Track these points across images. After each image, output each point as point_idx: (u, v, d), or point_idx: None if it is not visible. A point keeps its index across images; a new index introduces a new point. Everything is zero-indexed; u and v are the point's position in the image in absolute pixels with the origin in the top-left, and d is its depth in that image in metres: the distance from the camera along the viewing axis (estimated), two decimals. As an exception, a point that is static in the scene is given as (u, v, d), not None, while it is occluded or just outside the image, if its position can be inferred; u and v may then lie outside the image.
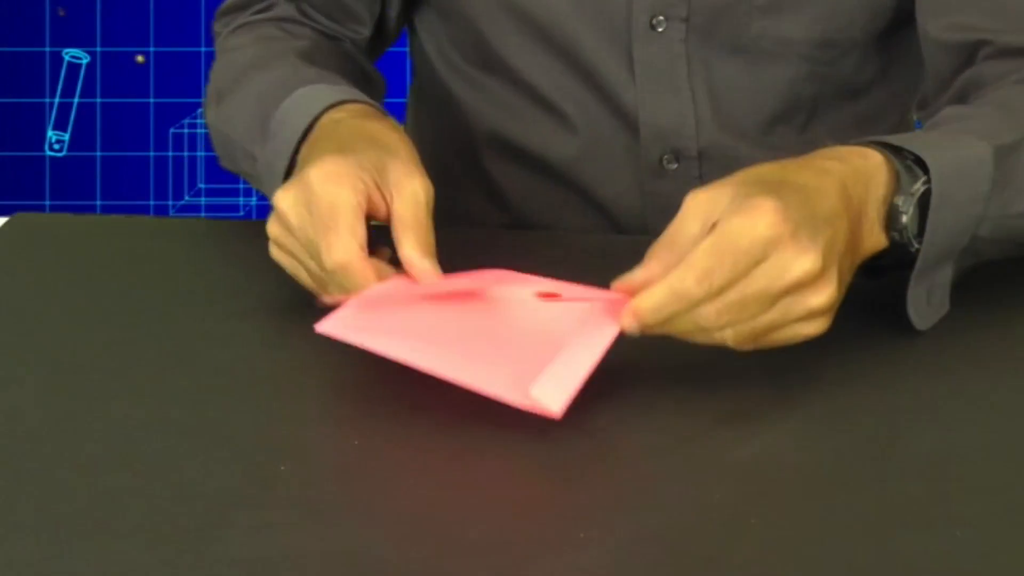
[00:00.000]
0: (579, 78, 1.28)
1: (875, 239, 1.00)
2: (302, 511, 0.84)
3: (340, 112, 1.12)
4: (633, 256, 0.98)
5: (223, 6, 1.35)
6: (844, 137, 1.32)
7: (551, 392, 0.90)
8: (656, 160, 1.28)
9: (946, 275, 1.04)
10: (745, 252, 0.91)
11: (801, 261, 0.91)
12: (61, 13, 2.67)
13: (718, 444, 0.91)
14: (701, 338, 0.93)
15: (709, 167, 1.28)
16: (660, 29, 1.25)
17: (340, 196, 1.00)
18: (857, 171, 0.99)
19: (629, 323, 0.93)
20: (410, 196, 1.02)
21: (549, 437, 0.92)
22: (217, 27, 1.35)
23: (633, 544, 0.81)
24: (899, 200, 1.00)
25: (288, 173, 1.12)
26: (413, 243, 1.00)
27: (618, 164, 1.29)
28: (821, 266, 0.92)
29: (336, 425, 0.94)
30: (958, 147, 1.03)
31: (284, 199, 1.03)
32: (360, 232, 1.00)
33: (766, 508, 0.85)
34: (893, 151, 1.02)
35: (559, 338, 0.94)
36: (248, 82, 1.21)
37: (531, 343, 0.94)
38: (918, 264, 1.01)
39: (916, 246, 1.01)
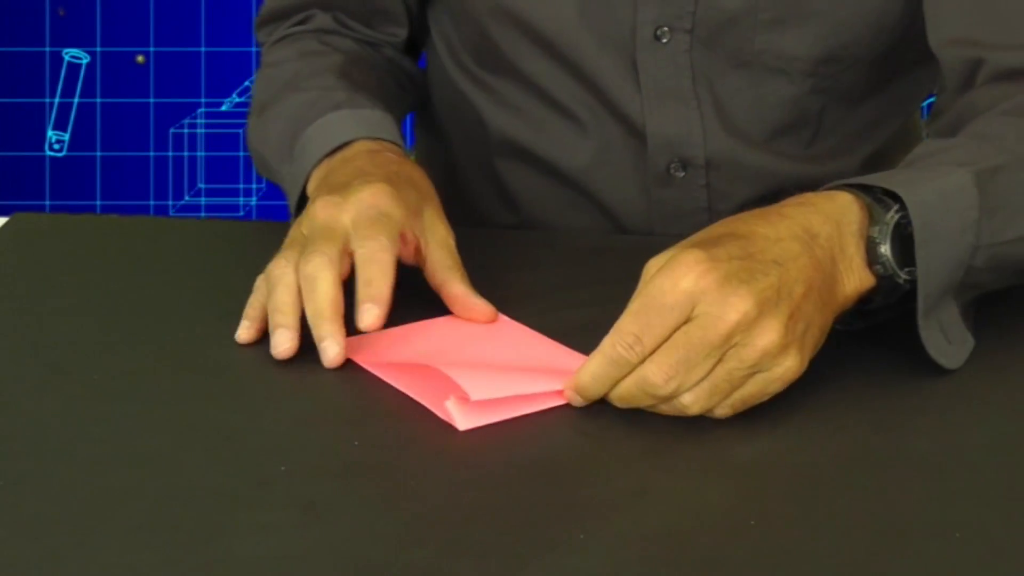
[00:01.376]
0: (585, 87, 1.28)
1: (858, 277, 0.98)
2: (302, 511, 0.84)
3: (373, 144, 1.15)
4: (634, 255, 0.98)
5: (261, 15, 1.37)
6: (850, 144, 1.31)
7: (466, 411, 0.93)
8: (663, 168, 1.28)
9: (951, 311, 1.01)
10: (671, 308, 0.90)
11: (733, 306, 0.90)
12: (61, 13, 2.67)
13: (718, 444, 0.91)
14: (666, 408, 0.92)
15: (716, 175, 1.28)
16: (664, 40, 1.24)
17: (394, 211, 1.04)
18: (825, 212, 0.98)
19: (570, 395, 0.94)
20: (443, 240, 1.08)
21: (548, 438, 0.92)
22: (260, 36, 1.37)
23: (633, 544, 0.81)
24: (874, 231, 0.98)
25: (300, 201, 1.14)
26: (463, 283, 1.06)
27: (626, 171, 1.29)
28: (755, 308, 0.90)
29: (336, 425, 0.94)
30: (935, 177, 1.00)
31: (326, 205, 1.05)
32: (397, 248, 1.03)
33: (766, 508, 0.85)
34: (862, 188, 1.00)
35: (512, 375, 0.97)
36: (283, 101, 1.24)
37: (482, 368, 0.98)
38: (920, 304, 0.98)
39: (903, 277, 0.98)
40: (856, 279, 0.98)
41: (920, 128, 1.42)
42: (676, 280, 0.91)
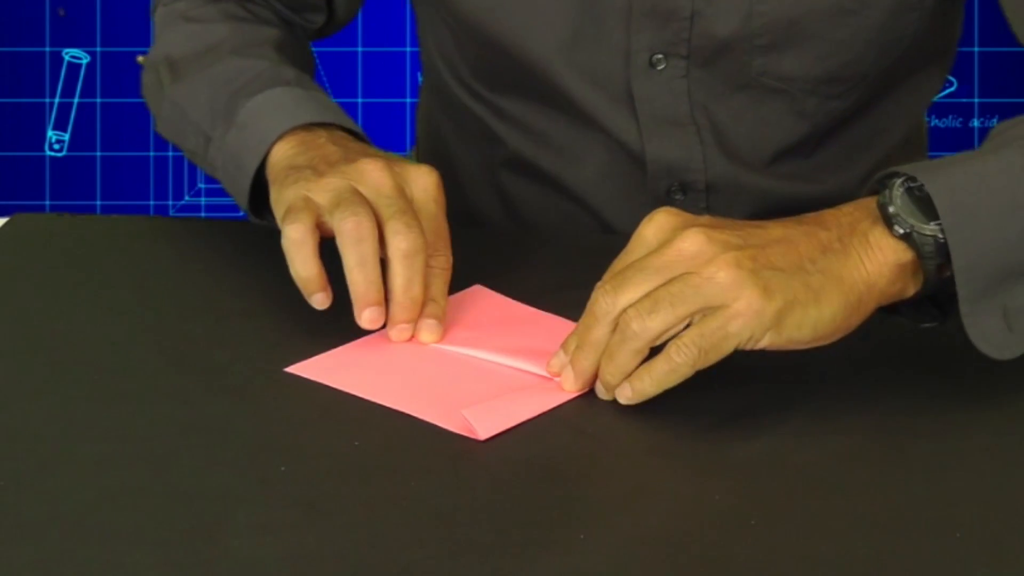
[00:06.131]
0: (579, 119, 1.27)
1: (881, 250, 0.94)
2: (302, 511, 0.84)
3: (337, 132, 1.13)
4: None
5: None
6: (852, 157, 1.29)
7: (483, 418, 0.92)
8: (663, 192, 1.27)
9: None
10: (640, 241, 0.97)
11: (683, 237, 0.94)
12: (61, 13, 2.67)
13: (718, 444, 0.91)
14: (618, 339, 0.93)
15: (715, 197, 1.27)
16: (660, 67, 1.22)
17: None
18: (837, 207, 0.97)
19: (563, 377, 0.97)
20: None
21: (549, 438, 0.92)
22: None
23: (633, 544, 0.81)
24: (881, 198, 0.95)
25: (258, 172, 1.13)
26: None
27: (626, 190, 1.28)
28: (706, 240, 0.94)
29: (336, 425, 0.94)
30: (977, 157, 0.95)
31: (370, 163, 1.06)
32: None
33: (766, 508, 0.85)
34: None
35: (504, 386, 0.97)
36: (220, 64, 1.21)
37: (474, 386, 0.98)
38: (960, 291, 0.93)
39: (930, 230, 0.93)
40: (882, 257, 0.94)
41: (926, 132, 1.40)
42: (645, 223, 0.97)
